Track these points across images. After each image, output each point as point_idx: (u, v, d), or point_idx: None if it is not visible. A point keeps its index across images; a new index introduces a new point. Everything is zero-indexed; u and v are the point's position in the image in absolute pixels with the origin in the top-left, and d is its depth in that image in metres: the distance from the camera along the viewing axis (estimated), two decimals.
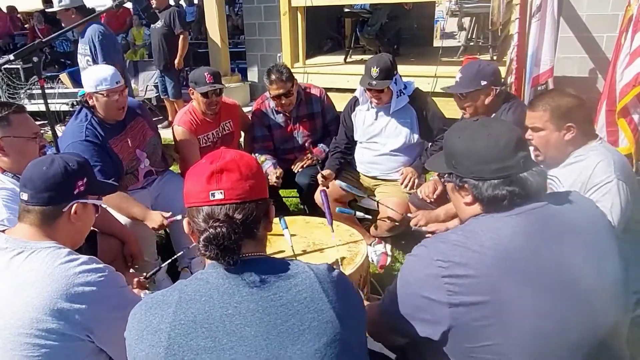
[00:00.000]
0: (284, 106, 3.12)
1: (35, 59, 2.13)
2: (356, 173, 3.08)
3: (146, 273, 1.99)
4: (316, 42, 6.41)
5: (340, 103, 3.25)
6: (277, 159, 3.19)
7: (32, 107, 5.28)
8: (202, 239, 0.99)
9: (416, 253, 1.21)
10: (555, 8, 3.32)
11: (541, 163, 1.86)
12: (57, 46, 9.46)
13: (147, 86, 6.74)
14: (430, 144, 2.87)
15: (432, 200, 2.50)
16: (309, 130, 3.24)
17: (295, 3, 4.97)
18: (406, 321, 1.19)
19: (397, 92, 2.78)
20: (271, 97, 3.11)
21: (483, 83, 2.40)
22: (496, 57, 4.79)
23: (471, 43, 5.63)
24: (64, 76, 6.92)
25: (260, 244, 1.09)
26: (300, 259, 1.56)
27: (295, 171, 3.18)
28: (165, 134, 3.56)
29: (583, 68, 4.68)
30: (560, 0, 3.40)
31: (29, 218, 1.40)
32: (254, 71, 6.59)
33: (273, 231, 2.40)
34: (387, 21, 5.38)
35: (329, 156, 3.04)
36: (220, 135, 3.18)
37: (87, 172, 1.52)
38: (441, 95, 3.26)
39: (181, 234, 2.61)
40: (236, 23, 9.86)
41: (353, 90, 3.25)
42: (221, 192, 1.03)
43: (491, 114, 2.47)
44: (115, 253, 2.26)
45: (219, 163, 1.06)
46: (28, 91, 6.58)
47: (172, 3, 6.86)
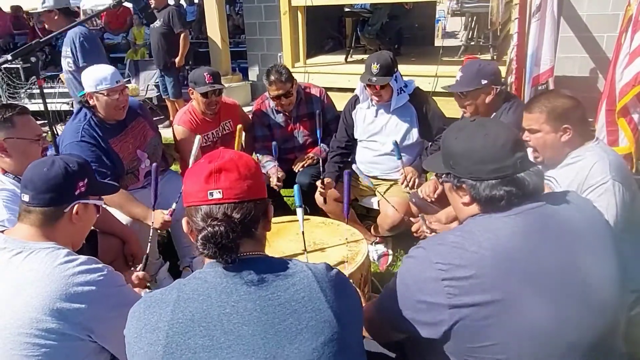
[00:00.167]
0: (284, 106, 3.12)
1: (33, 59, 2.13)
2: (356, 173, 3.07)
3: (138, 265, 2.00)
4: (317, 42, 6.40)
5: (341, 102, 3.25)
6: (278, 159, 3.19)
7: (33, 107, 5.22)
8: (200, 238, 0.99)
9: (414, 255, 1.20)
10: (555, 8, 3.31)
11: (540, 164, 1.86)
12: (58, 46, 9.46)
13: (148, 86, 6.74)
14: (430, 144, 2.87)
15: (433, 199, 2.50)
16: (309, 129, 3.25)
17: (295, 2, 4.96)
18: (406, 321, 1.19)
19: (398, 90, 2.78)
20: (271, 98, 3.12)
21: (483, 82, 2.40)
22: (496, 57, 4.78)
23: (472, 43, 5.62)
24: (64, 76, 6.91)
25: (259, 244, 1.10)
26: (299, 259, 1.56)
27: (295, 171, 3.19)
28: (166, 134, 3.56)
29: (584, 68, 4.68)
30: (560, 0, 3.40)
31: (30, 219, 1.41)
32: (255, 70, 6.59)
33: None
34: (388, 21, 5.37)
35: (328, 159, 3.03)
36: (220, 135, 3.18)
37: (88, 173, 1.53)
38: (442, 94, 3.26)
39: (182, 234, 2.60)
40: (237, 22, 9.83)
41: (354, 89, 3.25)
42: (219, 192, 1.03)
43: (492, 113, 2.47)
44: (116, 252, 2.27)
45: (218, 163, 1.06)
46: (28, 91, 6.59)
47: (171, 2, 6.86)
